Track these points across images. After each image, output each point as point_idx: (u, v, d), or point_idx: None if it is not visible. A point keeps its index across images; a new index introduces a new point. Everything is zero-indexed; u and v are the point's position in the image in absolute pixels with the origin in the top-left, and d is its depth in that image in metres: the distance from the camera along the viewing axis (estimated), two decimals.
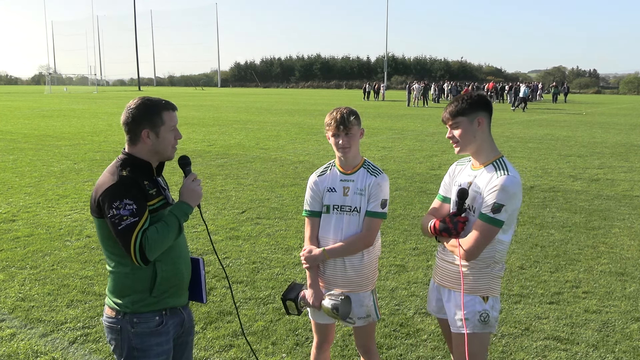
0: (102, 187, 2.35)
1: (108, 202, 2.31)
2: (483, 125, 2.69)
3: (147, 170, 2.47)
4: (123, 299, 2.45)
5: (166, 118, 2.44)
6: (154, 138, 2.43)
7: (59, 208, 8.21)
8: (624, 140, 17.47)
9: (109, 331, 2.50)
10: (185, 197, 2.52)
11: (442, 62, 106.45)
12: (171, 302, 2.52)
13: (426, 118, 26.80)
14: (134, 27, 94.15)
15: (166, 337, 2.51)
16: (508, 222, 2.63)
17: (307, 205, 3.09)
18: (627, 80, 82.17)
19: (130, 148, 2.47)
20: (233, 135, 18.48)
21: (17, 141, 16.45)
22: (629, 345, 4.16)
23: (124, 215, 2.29)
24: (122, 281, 2.44)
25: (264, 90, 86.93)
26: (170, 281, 2.49)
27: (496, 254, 2.69)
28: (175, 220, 2.43)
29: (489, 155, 2.71)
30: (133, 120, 2.42)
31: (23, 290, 5.17)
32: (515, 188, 2.57)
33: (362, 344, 3.20)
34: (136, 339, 2.44)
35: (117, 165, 2.41)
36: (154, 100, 2.46)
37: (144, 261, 2.33)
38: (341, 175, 3.02)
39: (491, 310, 2.73)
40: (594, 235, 6.91)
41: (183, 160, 2.63)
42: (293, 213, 7.88)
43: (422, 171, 11.37)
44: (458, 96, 2.78)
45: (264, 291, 5.16)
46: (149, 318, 2.45)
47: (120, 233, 2.30)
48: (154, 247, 2.34)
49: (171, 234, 2.40)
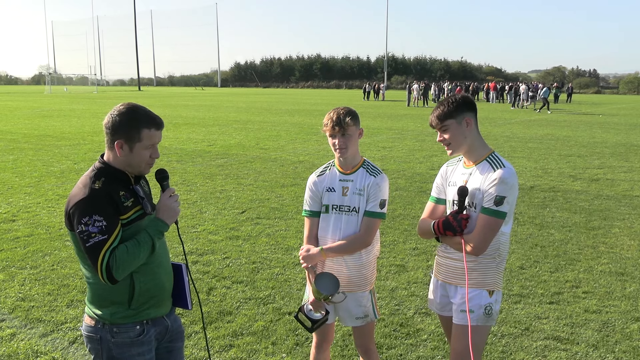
0: (73, 200, 2.26)
1: (77, 217, 2.22)
2: (471, 125, 2.75)
3: (123, 179, 2.36)
4: (102, 310, 2.37)
5: (144, 135, 2.31)
6: (127, 151, 2.32)
7: (59, 208, 8.21)
8: (624, 140, 17.47)
9: (89, 340, 2.42)
10: (160, 214, 2.39)
11: (442, 62, 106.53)
12: (152, 312, 2.43)
13: (426, 118, 26.68)
14: (134, 27, 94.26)
15: (148, 346, 2.43)
16: (509, 214, 2.70)
17: (307, 205, 3.10)
18: (627, 80, 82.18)
19: (107, 154, 2.37)
20: (233, 135, 18.49)
21: (17, 141, 16.45)
22: (629, 345, 4.16)
23: (92, 233, 2.19)
24: (99, 292, 2.37)
25: (264, 90, 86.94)
26: (149, 292, 2.40)
27: (500, 247, 2.75)
28: (148, 239, 2.32)
29: (481, 153, 2.78)
30: (111, 127, 2.30)
31: (23, 290, 5.17)
32: (513, 179, 2.66)
33: (362, 343, 3.20)
34: (116, 349, 2.37)
35: (90, 176, 2.30)
36: (140, 113, 2.33)
37: (110, 281, 2.23)
38: (340, 175, 3.02)
39: (495, 303, 2.79)
40: (594, 235, 6.91)
41: (160, 174, 2.50)
42: (293, 213, 7.88)
43: (422, 171, 11.37)
44: (442, 100, 2.83)
45: (264, 291, 5.16)
46: (130, 328, 2.38)
47: (88, 250, 2.21)
48: (122, 267, 2.23)
49: (142, 253, 2.30)
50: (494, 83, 48.42)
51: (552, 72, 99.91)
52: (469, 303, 2.75)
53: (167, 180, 2.51)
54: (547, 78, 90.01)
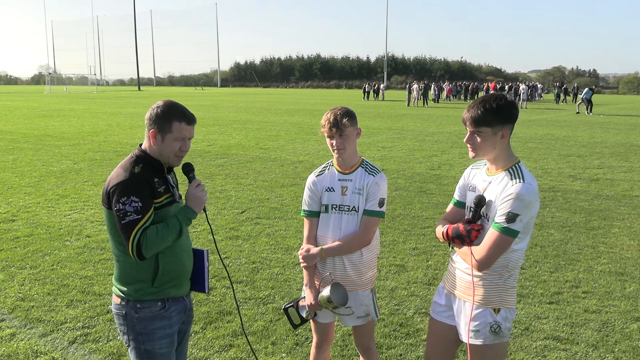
0: (113, 181, 2.47)
1: (116, 197, 2.42)
2: (506, 138, 2.56)
3: (158, 167, 2.58)
4: (127, 287, 2.56)
5: (174, 128, 2.52)
6: (159, 141, 2.54)
7: (58, 208, 8.21)
8: (624, 140, 17.47)
9: (117, 317, 2.63)
10: (189, 202, 2.61)
11: (442, 62, 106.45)
12: (173, 292, 2.63)
13: (426, 118, 26.81)
14: (134, 27, 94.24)
15: (169, 321, 2.62)
16: (524, 231, 2.53)
17: (306, 205, 3.10)
18: (627, 80, 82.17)
19: (144, 143, 2.60)
20: (233, 135, 18.49)
21: (17, 141, 16.44)
22: (629, 345, 4.16)
23: (128, 211, 2.40)
24: (126, 270, 2.56)
25: (263, 90, 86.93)
26: (172, 273, 2.59)
27: (509, 264, 2.58)
28: (177, 224, 2.53)
29: (506, 162, 2.58)
30: (149, 119, 2.54)
31: (23, 290, 5.17)
32: (531, 197, 2.46)
33: (362, 343, 3.20)
34: (140, 324, 2.56)
35: (130, 162, 2.52)
36: (175, 108, 2.56)
37: (139, 257, 2.43)
38: (339, 174, 3.02)
39: (503, 321, 2.63)
40: (594, 235, 6.91)
41: (186, 168, 2.72)
42: (293, 213, 7.88)
43: (422, 171, 11.37)
44: (484, 99, 2.56)
45: (263, 291, 5.16)
46: (152, 304, 2.57)
47: (123, 227, 2.42)
48: (151, 246, 2.43)
49: (171, 236, 2.50)
50: (494, 83, 48.43)
51: (552, 72, 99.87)
52: (474, 322, 2.62)
53: (193, 172, 2.71)
54: (547, 78, 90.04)
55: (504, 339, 2.66)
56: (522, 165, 2.59)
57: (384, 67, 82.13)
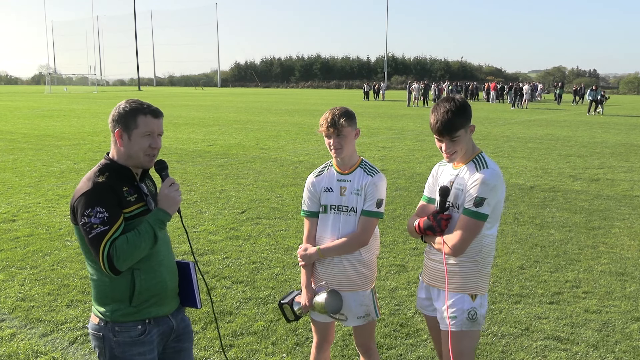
0: (77, 193, 2.32)
1: (80, 209, 2.27)
2: (472, 131, 2.71)
3: (127, 174, 2.41)
4: (104, 307, 2.40)
5: (140, 122, 2.37)
6: (126, 141, 2.38)
7: (59, 208, 8.21)
8: (624, 140, 17.47)
9: (93, 338, 2.46)
10: (161, 204, 2.41)
11: (442, 62, 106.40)
12: (154, 311, 2.44)
13: (426, 118, 26.71)
14: (134, 27, 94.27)
15: (150, 346, 2.44)
16: (493, 216, 2.66)
17: (305, 206, 3.10)
18: (627, 80, 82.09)
19: (112, 151, 2.45)
20: (233, 135, 18.49)
21: (17, 141, 16.45)
22: (629, 345, 4.16)
23: (94, 224, 2.24)
24: (101, 289, 2.39)
25: (264, 90, 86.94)
26: (150, 290, 2.41)
27: (483, 249, 2.70)
28: (149, 229, 2.33)
29: (469, 154, 2.72)
30: (111, 120, 2.42)
31: (23, 290, 5.17)
32: (495, 180, 2.61)
33: (362, 343, 3.20)
34: (118, 347, 2.39)
35: (95, 171, 2.37)
36: (137, 103, 2.42)
37: (113, 271, 2.26)
38: (338, 175, 3.02)
39: (479, 308, 2.74)
40: (594, 235, 6.91)
41: (159, 165, 2.53)
42: (293, 213, 7.88)
43: (422, 171, 11.37)
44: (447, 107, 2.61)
45: (263, 291, 5.16)
46: (131, 327, 2.39)
47: (90, 242, 2.26)
48: (123, 257, 2.25)
49: (144, 243, 2.31)
50: (495, 83, 48.42)
51: (552, 72, 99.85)
52: (451, 308, 2.73)
53: (166, 170, 2.53)
54: (547, 78, 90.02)
55: (479, 326, 2.77)
56: (485, 155, 2.74)
57: (384, 67, 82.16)
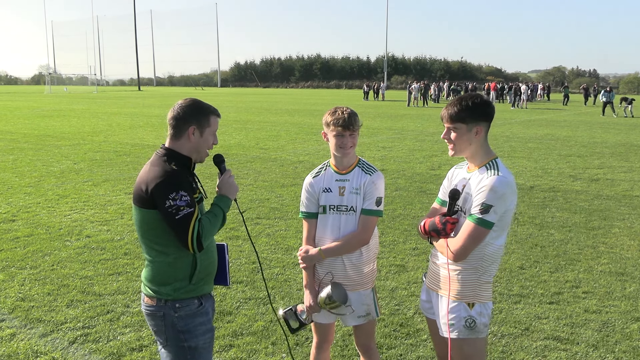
0: (154, 180, 2.44)
1: (164, 194, 2.41)
2: (480, 134, 2.65)
3: (187, 165, 2.60)
4: (164, 287, 2.55)
5: (212, 121, 2.61)
6: (198, 137, 2.58)
7: (59, 208, 8.21)
8: (624, 140, 17.47)
9: (152, 318, 2.60)
10: (224, 190, 2.69)
11: (442, 62, 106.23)
12: (206, 288, 2.67)
13: (426, 118, 26.81)
14: (134, 27, 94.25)
15: (207, 317, 2.65)
16: (500, 225, 2.58)
17: (304, 207, 3.10)
18: (627, 80, 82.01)
19: (172, 143, 2.59)
20: (233, 135, 18.49)
21: (17, 141, 16.45)
22: (629, 345, 4.16)
23: (180, 206, 2.41)
24: (163, 270, 2.55)
25: (264, 90, 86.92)
26: (207, 269, 2.63)
27: (484, 257, 2.63)
28: (221, 212, 2.60)
29: (483, 159, 2.67)
30: (183, 116, 2.56)
31: (23, 290, 5.17)
32: (504, 188, 2.52)
33: (362, 342, 3.20)
34: (180, 322, 2.55)
35: (163, 160, 2.53)
36: (206, 103, 2.65)
37: (199, 248, 2.47)
38: (336, 175, 3.02)
39: (478, 316, 2.66)
40: (594, 235, 6.91)
41: (218, 159, 2.78)
42: (293, 213, 7.88)
43: (422, 171, 11.36)
44: (461, 98, 2.68)
45: (263, 291, 5.15)
46: (190, 302, 2.57)
47: (178, 222, 2.41)
48: (207, 235, 2.50)
49: (219, 225, 2.58)
50: (495, 83, 48.42)
51: (552, 72, 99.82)
52: (450, 314, 2.69)
53: (224, 162, 2.79)
54: (547, 78, 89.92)
55: (480, 334, 2.70)
56: (499, 161, 2.68)
57: (384, 67, 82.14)
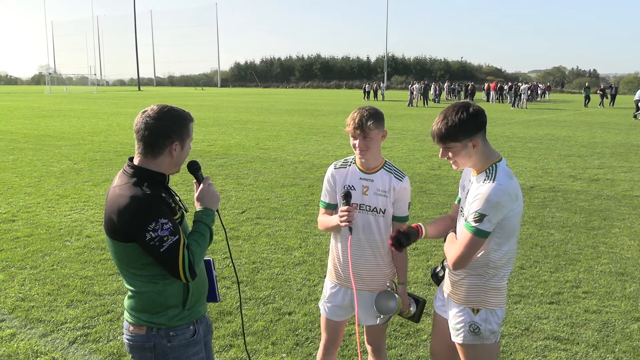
0: (126, 211, 2.15)
1: (141, 226, 2.13)
2: (478, 145, 2.49)
3: (161, 181, 2.31)
4: (157, 316, 2.32)
5: (191, 129, 2.33)
6: (179, 151, 2.29)
7: (59, 208, 8.21)
8: (624, 140, 17.47)
9: (138, 349, 2.35)
10: (206, 202, 2.40)
11: (442, 62, 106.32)
12: (202, 310, 2.48)
13: (426, 118, 26.80)
14: (134, 27, 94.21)
15: (200, 345, 2.45)
16: (503, 233, 2.50)
17: (325, 197, 3.08)
18: (627, 80, 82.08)
19: (146, 161, 2.27)
20: (233, 135, 18.48)
21: (17, 141, 16.45)
22: (629, 345, 4.16)
23: (163, 237, 2.14)
24: (153, 300, 2.30)
25: (264, 90, 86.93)
26: (199, 290, 2.43)
27: (489, 263, 2.55)
28: (207, 230, 2.34)
29: (484, 164, 2.55)
30: (163, 131, 2.23)
31: (23, 290, 5.17)
32: (498, 197, 2.39)
33: (374, 342, 3.17)
34: (173, 352, 2.33)
35: (132, 183, 2.20)
36: (180, 110, 2.31)
37: (193, 277, 2.24)
38: (361, 173, 2.98)
39: (483, 322, 2.60)
40: (594, 235, 6.91)
41: (194, 166, 2.48)
42: (293, 213, 7.88)
43: (422, 171, 11.37)
44: (446, 115, 2.48)
45: (263, 291, 5.16)
46: (185, 329, 2.36)
47: (164, 255, 2.16)
48: (199, 261, 2.27)
49: (207, 244, 2.33)
50: (495, 83, 48.42)
51: (552, 72, 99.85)
52: (455, 319, 2.68)
53: (200, 170, 2.50)
54: (547, 78, 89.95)
55: (486, 340, 2.62)
56: (500, 165, 2.52)
57: (384, 67, 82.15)
